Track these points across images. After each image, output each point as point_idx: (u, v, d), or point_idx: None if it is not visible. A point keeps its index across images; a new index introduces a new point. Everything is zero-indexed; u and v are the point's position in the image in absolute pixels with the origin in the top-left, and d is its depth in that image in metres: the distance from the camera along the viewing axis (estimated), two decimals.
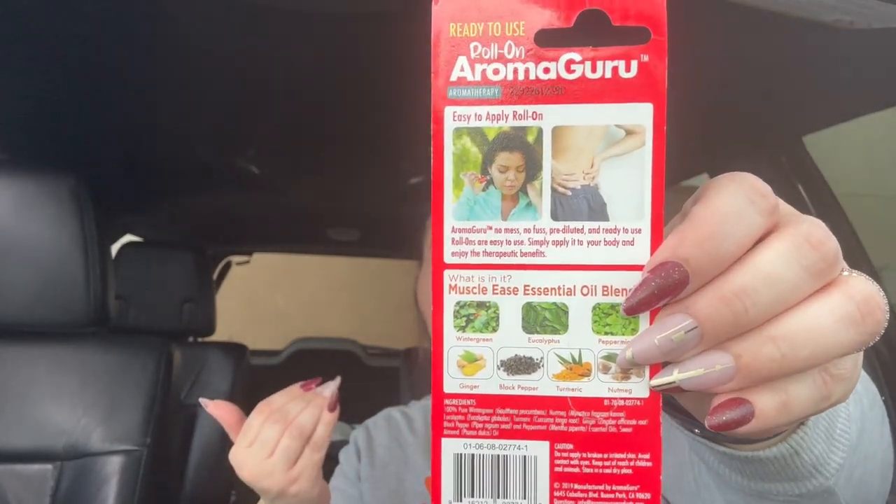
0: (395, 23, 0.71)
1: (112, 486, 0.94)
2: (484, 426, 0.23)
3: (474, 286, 0.22)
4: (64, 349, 1.00)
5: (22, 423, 0.96)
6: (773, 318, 0.21)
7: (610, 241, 0.21)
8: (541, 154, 0.22)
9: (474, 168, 0.23)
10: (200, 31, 0.77)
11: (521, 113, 0.22)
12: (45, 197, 0.98)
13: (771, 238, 0.21)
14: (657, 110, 0.21)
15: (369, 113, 1.07)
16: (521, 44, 0.22)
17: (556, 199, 0.22)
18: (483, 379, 0.23)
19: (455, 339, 0.23)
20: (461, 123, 0.23)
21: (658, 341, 0.21)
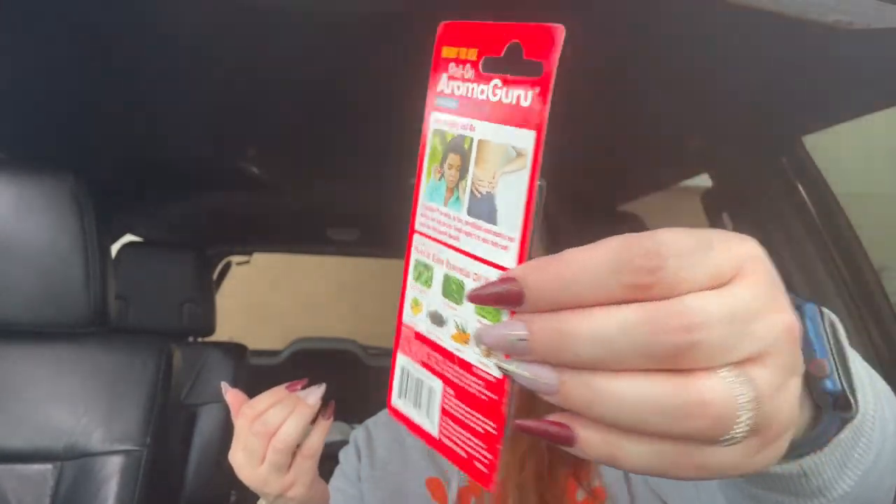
0: (396, 23, 0.71)
1: (112, 486, 0.94)
2: (415, 353, 0.29)
3: (424, 251, 0.30)
4: (64, 349, 1.00)
5: (22, 423, 0.96)
6: (598, 370, 0.21)
7: (494, 243, 0.25)
8: (470, 159, 0.27)
9: (436, 162, 0.29)
10: (201, 32, 0.78)
11: (464, 124, 0.28)
12: (45, 197, 0.98)
13: (628, 308, 0.21)
14: (537, 138, 0.25)
15: (369, 113, 1.07)
16: (473, 67, 0.28)
17: (472, 198, 0.27)
18: (420, 320, 0.29)
19: (411, 285, 0.30)
20: (436, 126, 0.29)
21: (496, 336, 0.23)
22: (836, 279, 0.98)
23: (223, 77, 0.92)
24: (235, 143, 1.27)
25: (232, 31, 0.77)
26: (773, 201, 1.02)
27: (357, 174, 1.51)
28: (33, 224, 0.97)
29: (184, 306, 1.80)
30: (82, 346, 1.01)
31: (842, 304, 0.97)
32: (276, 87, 0.95)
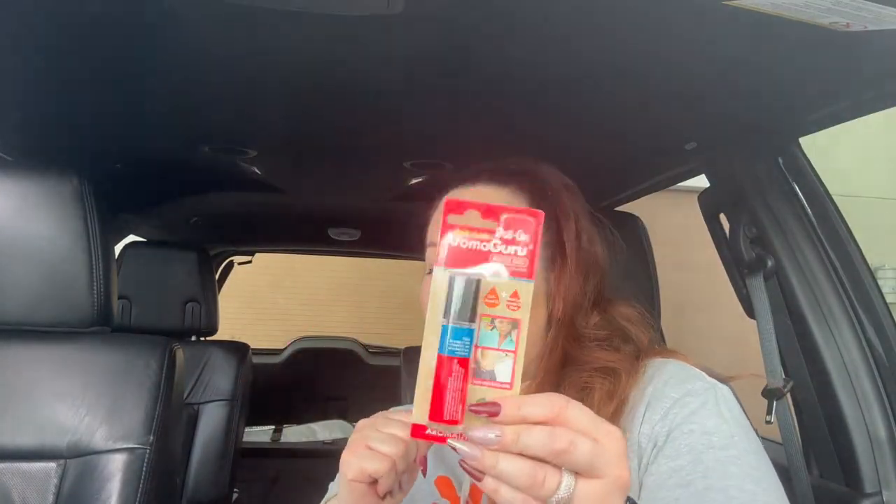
0: (396, 24, 0.72)
1: (115, 483, 0.95)
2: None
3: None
4: (67, 348, 1.01)
5: (26, 421, 0.97)
6: (507, 452, 0.40)
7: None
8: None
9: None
10: (203, 32, 0.78)
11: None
12: (49, 197, 0.99)
13: (544, 429, 0.40)
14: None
15: (370, 114, 1.07)
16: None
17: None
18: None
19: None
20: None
21: (483, 431, 0.40)
22: (833, 279, 0.98)
23: (226, 78, 0.93)
24: (237, 144, 1.27)
25: (234, 33, 0.78)
26: (769, 202, 1.02)
27: (357, 174, 1.52)
28: (37, 224, 0.98)
29: (186, 306, 1.81)
30: (86, 345, 1.02)
31: (838, 304, 0.98)
32: (277, 87, 0.96)
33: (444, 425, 0.41)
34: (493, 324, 0.42)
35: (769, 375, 1.02)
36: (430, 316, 0.42)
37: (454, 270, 0.42)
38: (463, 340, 0.41)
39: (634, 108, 0.99)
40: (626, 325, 0.69)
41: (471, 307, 0.41)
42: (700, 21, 0.69)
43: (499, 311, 0.42)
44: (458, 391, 0.41)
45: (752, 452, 0.58)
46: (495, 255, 0.42)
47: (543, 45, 0.77)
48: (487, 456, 0.39)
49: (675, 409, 0.61)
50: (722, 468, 0.56)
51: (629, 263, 1.08)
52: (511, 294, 0.42)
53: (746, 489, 0.55)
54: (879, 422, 0.94)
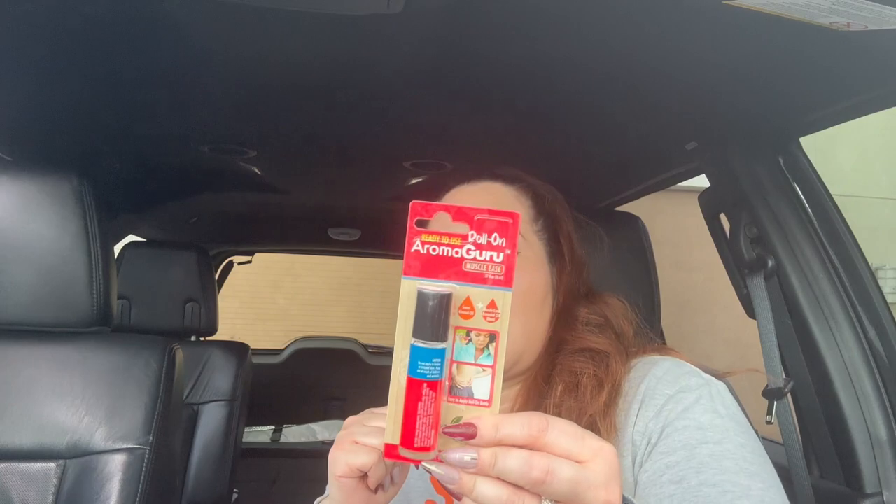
0: (396, 24, 0.72)
1: (115, 484, 0.95)
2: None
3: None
4: (67, 348, 1.01)
5: (25, 421, 0.97)
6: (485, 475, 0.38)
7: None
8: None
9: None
10: (203, 32, 0.78)
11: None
12: (49, 198, 0.99)
13: (522, 452, 0.38)
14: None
15: (370, 114, 1.07)
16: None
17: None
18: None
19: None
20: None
21: (459, 454, 0.38)
22: (834, 279, 0.98)
23: (225, 78, 0.93)
24: (237, 144, 1.27)
25: (234, 33, 0.78)
26: (770, 202, 1.02)
27: (357, 174, 1.52)
28: (37, 224, 0.98)
29: (186, 306, 1.81)
30: (85, 345, 1.02)
31: (839, 304, 0.98)
32: (277, 87, 0.96)
33: (417, 452, 0.38)
34: (469, 337, 0.38)
35: (770, 375, 1.02)
36: (398, 331, 0.38)
37: (422, 283, 0.38)
38: (433, 362, 0.37)
39: (635, 108, 0.99)
40: (610, 316, 0.72)
41: (441, 325, 0.38)
42: (700, 21, 0.69)
43: (475, 322, 0.38)
44: (429, 416, 0.38)
45: (748, 447, 0.58)
46: (469, 261, 0.39)
47: (543, 45, 0.77)
48: (465, 479, 0.38)
49: (670, 405, 0.61)
50: (716, 463, 0.56)
51: (629, 263, 1.08)
52: (488, 304, 0.38)
53: (741, 483, 0.54)
54: (880, 422, 0.94)
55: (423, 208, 0.40)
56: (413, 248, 0.39)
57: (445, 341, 0.38)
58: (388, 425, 0.39)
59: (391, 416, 0.39)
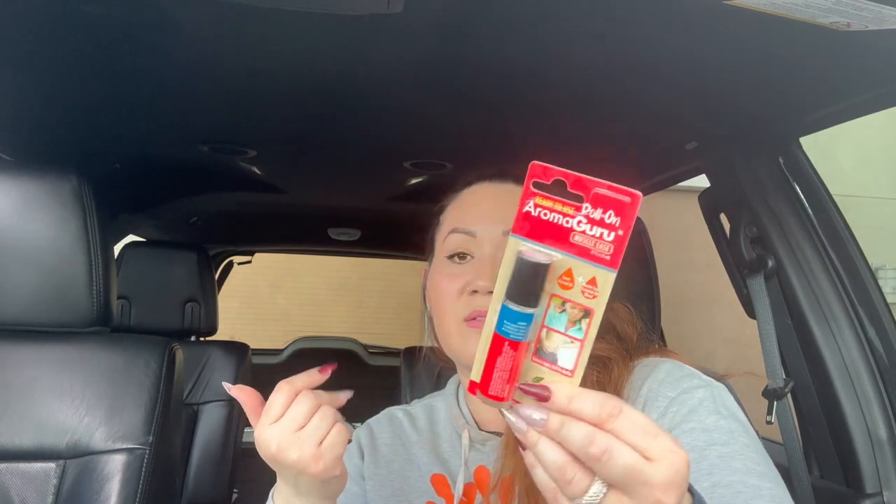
0: (396, 24, 0.72)
1: (115, 484, 0.95)
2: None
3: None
4: (67, 349, 1.01)
5: (25, 421, 0.97)
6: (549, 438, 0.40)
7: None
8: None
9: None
10: (203, 32, 0.78)
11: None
12: (49, 197, 0.99)
13: (586, 426, 0.38)
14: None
15: (370, 114, 1.07)
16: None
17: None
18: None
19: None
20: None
21: (529, 410, 0.39)
22: (834, 279, 0.98)
23: (225, 78, 0.93)
24: (237, 143, 1.27)
25: (234, 33, 0.78)
26: (770, 202, 1.02)
27: (357, 174, 1.52)
28: (37, 224, 0.98)
29: (186, 306, 1.81)
30: (85, 345, 1.02)
31: (839, 304, 0.98)
32: (277, 87, 0.96)
33: (490, 399, 0.40)
34: (564, 307, 0.38)
35: (770, 376, 1.02)
36: (498, 283, 0.39)
37: (525, 247, 0.38)
38: (518, 325, 0.38)
39: (635, 109, 0.99)
40: (614, 320, 0.70)
41: (531, 293, 0.38)
42: (700, 21, 0.69)
43: (572, 294, 0.38)
44: (506, 371, 0.39)
45: (752, 448, 0.59)
46: (578, 233, 0.37)
47: (544, 45, 0.77)
48: (531, 433, 0.39)
49: (673, 408, 0.61)
50: (725, 464, 0.56)
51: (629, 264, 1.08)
52: (588, 280, 0.38)
53: (751, 483, 0.55)
54: (880, 422, 0.94)
55: (541, 170, 0.38)
56: (525, 208, 0.38)
57: (535, 307, 0.38)
58: (475, 366, 0.41)
59: (478, 359, 0.41)
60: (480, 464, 0.70)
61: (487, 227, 0.69)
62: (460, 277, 0.68)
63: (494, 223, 0.69)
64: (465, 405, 0.76)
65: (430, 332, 0.79)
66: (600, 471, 0.37)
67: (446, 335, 0.70)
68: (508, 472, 0.63)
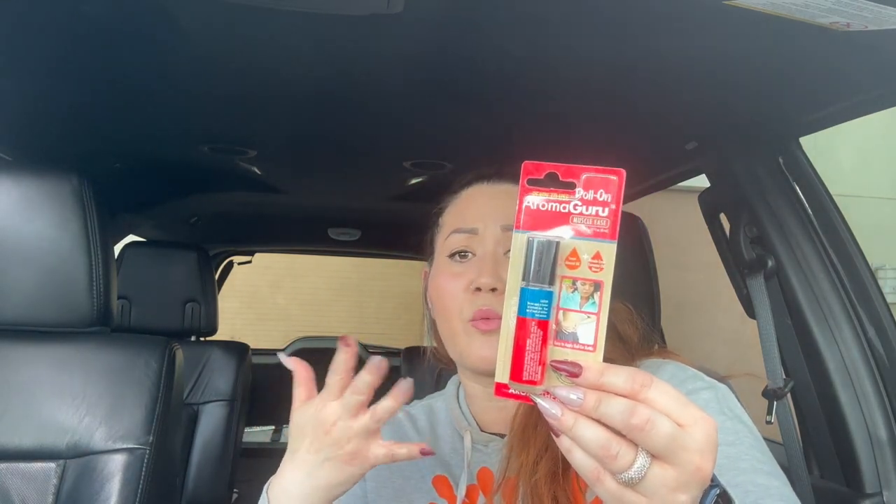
0: (396, 24, 0.72)
1: (115, 483, 0.95)
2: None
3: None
4: (67, 348, 1.01)
5: (25, 421, 0.97)
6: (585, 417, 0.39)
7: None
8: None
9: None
10: (202, 32, 0.78)
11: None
12: (49, 197, 0.99)
13: (624, 400, 0.38)
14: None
15: (370, 114, 1.07)
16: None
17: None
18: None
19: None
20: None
21: (566, 391, 0.39)
22: (834, 279, 0.98)
23: (225, 78, 0.93)
24: (237, 144, 1.27)
25: (234, 33, 0.78)
26: (770, 202, 1.02)
27: (357, 174, 1.52)
28: (37, 224, 0.98)
29: (186, 306, 1.81)
30: (85, 345, 1.02)
31: (839, 304, 0.98)
32: (277, 87, 0.96)
33: (525, 385, 0.41)
34: (575, 286, 0.41)
35: (769, 376, 1.02)
36: (510, 279, 0.42)
37: (533, 233, 0.42)
38: (541, 303, 0.40)
39: (634, 109, 0.99)
40: (615, 321, 0.70)
41: (549, 270, 0.41)
42: (700, 21, 0.69)
43: (580, 272, 0.41)
44: (537, 352, 0.41)
45: (757, 447, 0.59)
46: (576, 216, 0.41)
47: (544, 45, 0.77)
48: (567, 415, 0.39)
49: None
50: (733, 465, 0.57)
51: (629, 263, 1.08)
52: (593, 255, 0.41)
53: (759, 483, 0.56)
54: (880, 422, 0.94)
55: (534, 167, 0.42)
56: (524, 204, 0.42)
57: (553, 285, 0.41)
58: (498, 366, 0.42)
59: (501, 357, 0.42)
60: (483, 465, 0.70)
61: (488, 224, 0.69)
62: (463, 276, 0.68)
63: (494, 220, 0.69)
64: (466, 406, 0.76)
65: (431, 333, 0.79)
66: (644, 441, 0.37)
67: (452, 335, 0.70)
68: (513, 472, 0.63)
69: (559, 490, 0.60)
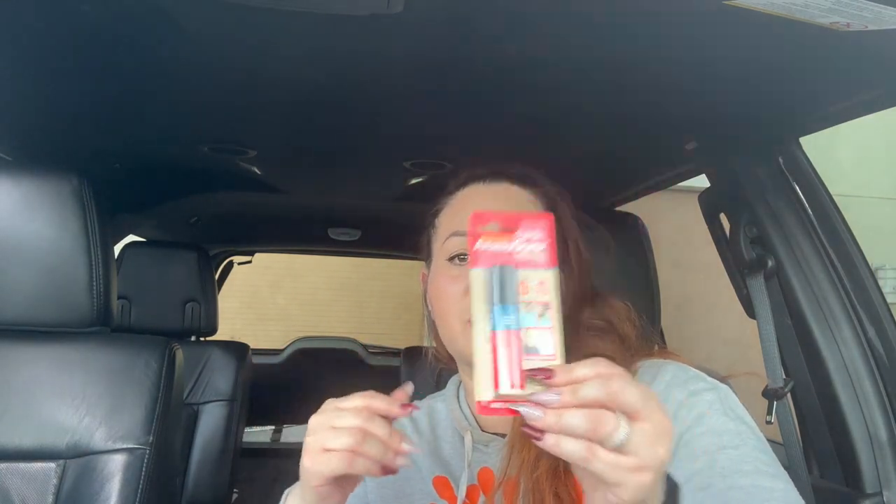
0: (396, 24, 0.72)
1: (115, 484, 0.95)
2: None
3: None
4: (67, 348, 1.01)
5: (25, 421, 0.97)
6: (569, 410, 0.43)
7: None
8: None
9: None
10: (202, 32, 0.78)
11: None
12: (49, 198, 0.99)
13: (596, 384, 0.43)
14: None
15: (370, 114, 1.07)
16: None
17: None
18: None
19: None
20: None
21: (544, 397, 0.43)
22: (834, 279, 0.98)
23: (226, 78, 0.93)
24: (237, 144, 1.27)
25: (234, 33, 0.78)
26: (770, 202, 1.02)
27: (357, 174, 1.52)
28: (37, 224, 0.98)
29: (186, 306, 1.81)
30: (85, 345, 1.02)
31: (839, 304, 0.98)
32: (277, 87, 0.96)
33: (511, 391, 0.46)
34: (529, 306, 0.48)
35: (769, 376, 1.02)
36: (475, 307, 0.48)
37: (495, 266, 0.49)
38: (511, 317, 0.47)
39: (635, 109, 0.99)
40: (614, 319, 0.71)
41: (513, 289, 0.48)
42: (700, 21, 0.69)
43: (531, 297, 0.48)
44: (515, 359, 0.46)
45: (760, 449, 0.60)
46: (517, 253, 0.49)
47: (543, 45, 0.77)
48: (550, 414, 0.43)
49: (683, 411, 0.62)
50: (737, 467, 0.57)
51: (629, 263, 1.09)
52: (538, 282, 0.48)
53: (763, 486, 0.56)
54: (880, 422, 0.94)
55: (481, 217, 0.51)
56: (475, 247, 0.50)
57: (516, 303, 0.48)
58: (477, 386, 0.47)
59: (478, 379, 0.47)
60: (484, 465, 0.70)
61: None
62: (462, 278, 0.69)
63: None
64: (467, 406, 0.76)
65: (431, 334, 0.80)
66: (622, 401, 0.42)
67: (452, 336, 0.71)
68: (514, 470, 0.63)
69: (560, 486, 0.61)
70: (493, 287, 0.48)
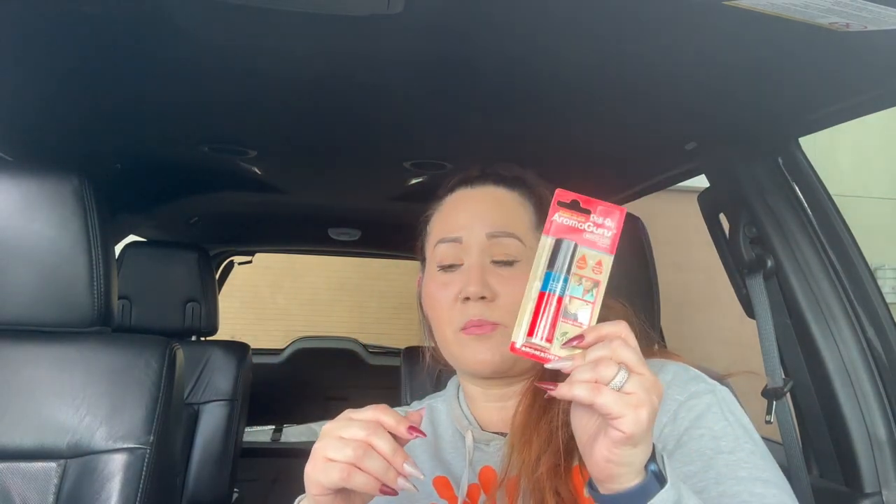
0: (396, 24, 0.72)
1: (115, 483, 0.95)
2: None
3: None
4: (68, 348, 1.01)
5: (26, 421, 0.97)
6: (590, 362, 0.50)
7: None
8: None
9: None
10: (203, 32, 0.78)
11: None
12: (50, 198, 0.99)
13: (611, 343, 0.50)
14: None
15: (370, 114, 1.07)
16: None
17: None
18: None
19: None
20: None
21: (567, 360, 0.51)
22: (833, 279, 0.98)
23: (226, 79, 0.93)
24: (238, 144, 1.27)
25: (234, 34, 0.78)
26: (769, 202, 1.02)
27: (357, 174, 1.52)
28: (38, 224, 0.98)
29: (186, 306, 1.81)
30: (86, 345, 1.02)
31: (838, 304, 0.98)
32: (277, 87, 0.96)
33: (539, 342, 0.53)
34: (581, 281, 0.55)
35: (769, 375, 1.02)
36: (536, 266, 0.55)
37: (563, 238, 0.56)
38: (559, 284, 0.54)
39: (634, 109, 0.99)
40: (613, 318, 0.70)
41: (568, 263, 0.55)
42: (700, 21, 0.69)
43: (586, 272, 0.55)
44: (551, 318, 0.54)
45: (757, 453, 0.60)
46: (587, 232, 0.55)
47: (543, 46, 0.77)
48: (575, 362, 0.50)
49: (682, 412, 0.62)
50: (732, 473, 0.58)
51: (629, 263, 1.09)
52: (596, 262, 0.55)
53: (756, 492, 0.57)
54: (879, 422, 0.94)
55: (564, 194, 0.56)
56: (553, 217, 0.56)
57: (569, 275, 0.55)
58: (516, 329, 0.54)
59: (518, 325, 0.54)
60: (485, 464, 0.70)
61: (472, 231, 0.71)
62: (452, 286, 0.70)
63: (480, 227, 0.71)
64: (467, 406, 0.76)
65: (427, 335, 0.80)
66: (624, 353, 0.49)
67: (445, 343, 0.72)
68: (515, 469, 0.64)
69: (561, 484, 0.61)
70: (554, 255, 0.55)
